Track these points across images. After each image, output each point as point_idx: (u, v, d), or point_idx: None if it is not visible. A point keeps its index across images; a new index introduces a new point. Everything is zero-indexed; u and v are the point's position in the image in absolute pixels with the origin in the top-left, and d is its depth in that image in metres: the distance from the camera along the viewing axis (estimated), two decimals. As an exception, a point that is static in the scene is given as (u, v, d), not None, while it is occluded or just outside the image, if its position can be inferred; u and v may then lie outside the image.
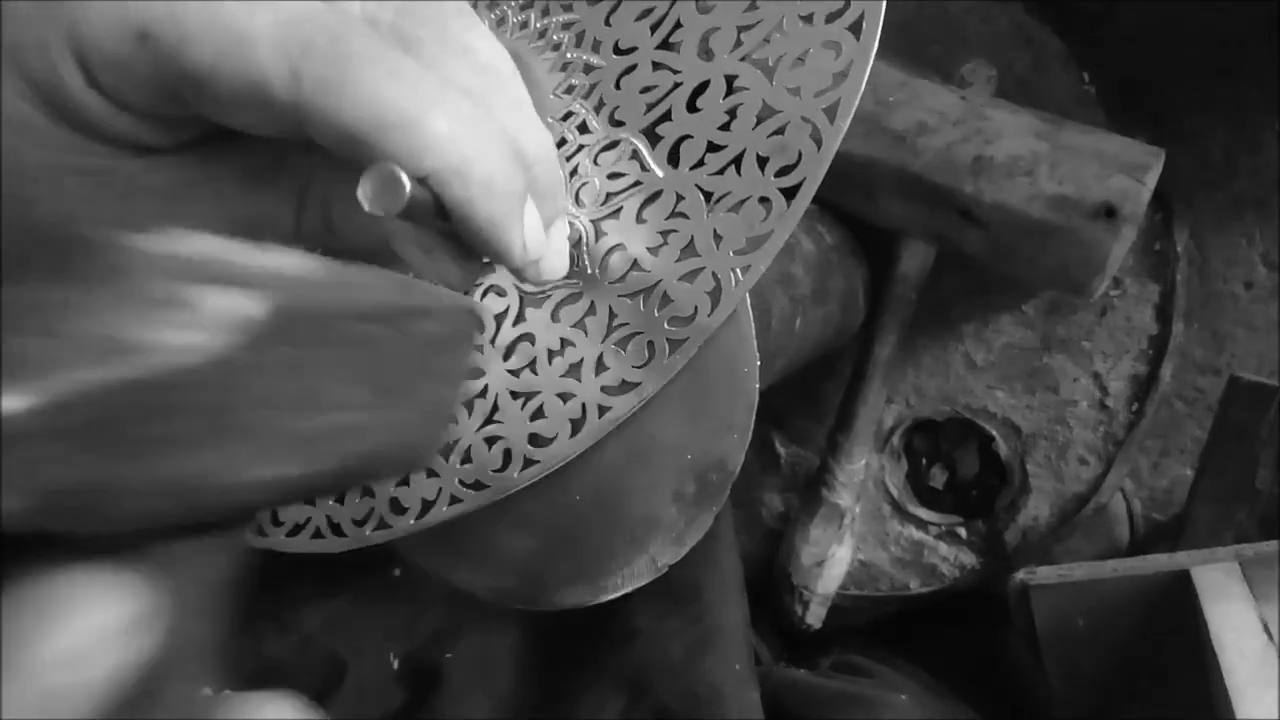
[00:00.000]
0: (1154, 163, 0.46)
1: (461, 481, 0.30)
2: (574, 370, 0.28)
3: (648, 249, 0.28)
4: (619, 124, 0.29)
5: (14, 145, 0.21)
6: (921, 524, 0.59)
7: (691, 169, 0.28)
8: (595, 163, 0.29)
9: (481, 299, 0.30)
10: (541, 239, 0.24)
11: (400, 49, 0.21)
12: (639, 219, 0.28)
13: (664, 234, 0.28)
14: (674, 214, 0.28)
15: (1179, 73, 0.54)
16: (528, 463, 0.29)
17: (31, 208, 0.22)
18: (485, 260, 0.26)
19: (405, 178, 0.19)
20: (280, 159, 0.23)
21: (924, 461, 0.60)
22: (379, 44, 0.20)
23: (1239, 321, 0.55)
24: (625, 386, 0.28)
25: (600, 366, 0.28)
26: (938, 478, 0.59)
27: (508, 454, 0.29)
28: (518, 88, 0.24)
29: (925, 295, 0.54)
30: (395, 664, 0.46)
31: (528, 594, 0.33)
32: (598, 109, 0.29)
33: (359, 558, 0.32)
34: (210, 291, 0.14)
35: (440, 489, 0.30)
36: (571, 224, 0.29)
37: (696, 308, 0.27)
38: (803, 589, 0.55)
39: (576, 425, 0.28)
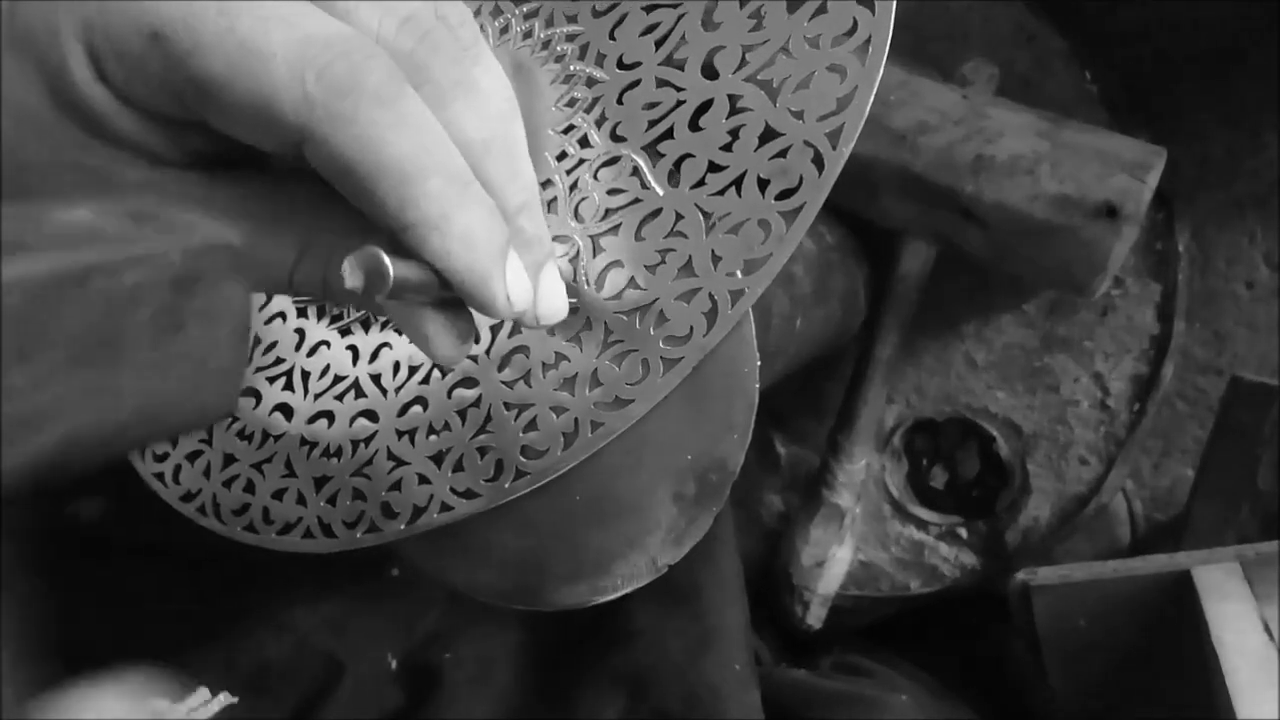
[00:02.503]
0: (1156, 162, 0.46)
1: (453, 489, 0.30)
2: (568, 384, 0.28)
3: (645, 267, 0.28)
4: (620, 139, 0.29)
5: (17, 135, 0.21)
6: (922, 524, 0.59)
7: (692, 188, 0.28)
8: (595, 178, 0.29)
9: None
10: (526, 289, 0.24)
11: (414, 81, 0.21)
12: (638, 236, 0.28)
13: (662, 253, 0.28)
14: (673, 233, 0.28)
15: (1181, 72, 0.54)
16: (519, 474, 0.29)
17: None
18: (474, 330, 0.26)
19: (390, 265, 0.19)
20: (288, 211, 0.23)
21: (925, 461, 0.59)
22: (394, 81, 0.20)
23: (1240, 321, 0.55)
24: (618, 403, 0.28)
25: (594, 382, 0.28)
26: (938, 478, 0.59)
27: (499, 464, 0.29)
28: (515, 132, 0.24)
29: (926, 295, 0.54)
30: (393, 665, 0.46)
31: (527, 594, 0.33)
32: (599, 123, 0.29)
33: (355, 558, 0.32)
34: None
35: (432, 495, 0.30)
36: (569, 238, 0.29)
37: (692, 328, 0.27)
38: (803, 589, 0.55)
39: (569, 439, 0.28)
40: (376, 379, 0.32)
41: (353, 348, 0.32)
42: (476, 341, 0.30)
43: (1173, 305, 0.54)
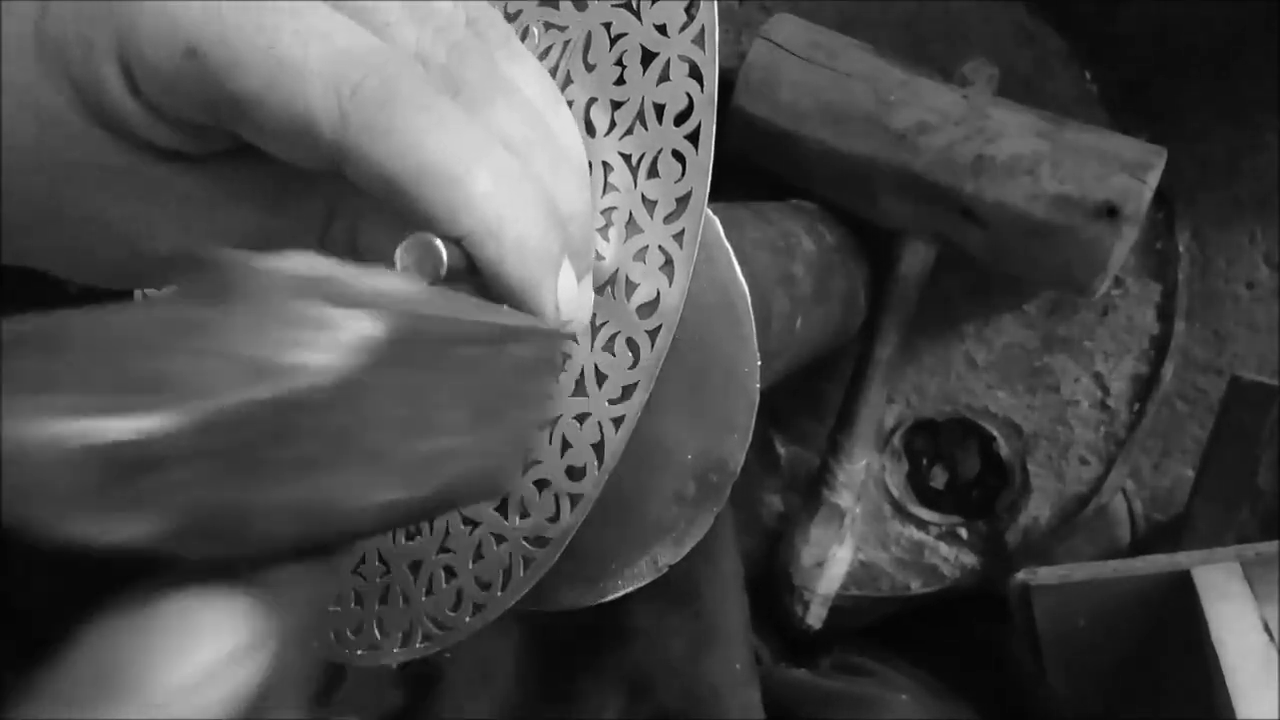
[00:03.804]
0: (1156, 162, 0.46)
1: (525, 539, 0.29)
2: (580, 386, 0.28)
3: (598, 231, 0.28)
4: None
5: (45, 140, 0.21)
6: (922, 524, 0.59)
7: (606, 135, 0.27)
8: None
9: None
10: (575, 298, 0.23)
11: (449, 91, 0.21)
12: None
13: (605, 213, 0.27)
14: (607, 188, 0.27)
15: (1181, 71, 0.54)
16: (573, 500, 0.28)
17: (60, 204, 0.22)
18: None
19: (444, 250, 0.19)
20: (308, 179, 0.23)
21: (925, 461, 0.59)
22: (429, 90, 0.20)
23: (1240, 321, 0.55)
24: (626, 392, 0.28)
25: (600, 376, 0.28)
26: (938, 478, 0.59)
27: (557, 499, 0.28)
28: (563, 128, 0.24)
29: (926, 295, 0.54)
30: (398, 662, 0.46)
31: (528, 594, 0.33)
32: None
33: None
34: (335, 312, 0.14)
35: (510, 554, 0.29)
36: None
37: (658, 290, 0.27)
38: (803, 589, 0.55)
39: (598, 448, 0.28)
40: None
41: None
42: None
43: (1173, 305, 0.54)
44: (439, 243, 0.19)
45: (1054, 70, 0.54)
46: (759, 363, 0.32)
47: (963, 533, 0.58)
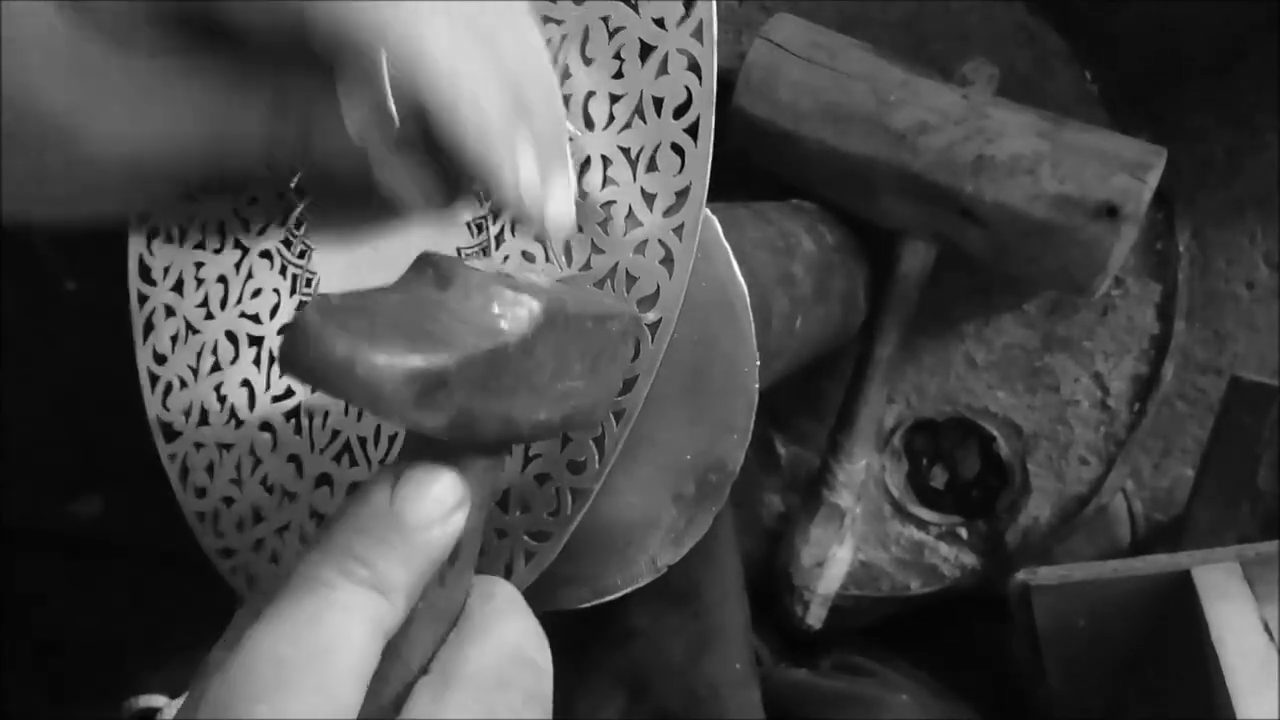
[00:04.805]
0: (1156, 162, 0.46)
1: (526, 533, 0.29)
2: None
3: (598, 225, 0.28)
4: None
5: (18, 36, 0.21)
6: (922, 524, 0.59)
7: (605, 129, 0.27)
8: None
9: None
10: (535, 184, 0.23)
11: None
12: (581, 194, 0.28)
13: (605, 205, 0.27)
14: (607, 181, 0.27)
15: (1181, 71, 0.54)
16: (574, 494, 0.28)
17: (35, 96, 0.22)
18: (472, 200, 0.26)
19: (395, 112, 0.21)
20: (258, 73, 0.24)
21: (925, 461, 0.59)
22: None
23: (1241, 321, 0.55)
24: (627, 385, 0.28)
25: None
26: (938, 478, 0.59)
27: (558, 493, 0.28)
28: (529, 30, 0.24)
29: (926, 295, 0.54)
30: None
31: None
32: None
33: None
34: (521, 295, 0.21)
35: (512, 547, 0.29)
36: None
37: (658, 284, 0.27)
38: (803, 589, 0.55)
39: (599, 443, 0.28)
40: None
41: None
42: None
43: (1173, 305, 0.54)
44: (392, 107, 0.21)
45: (1054, 70, 0.54)
46: (759, 362, 0.32)
47: (963, 533, 0.58)
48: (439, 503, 0.20)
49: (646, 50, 0.27)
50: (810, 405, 0.60)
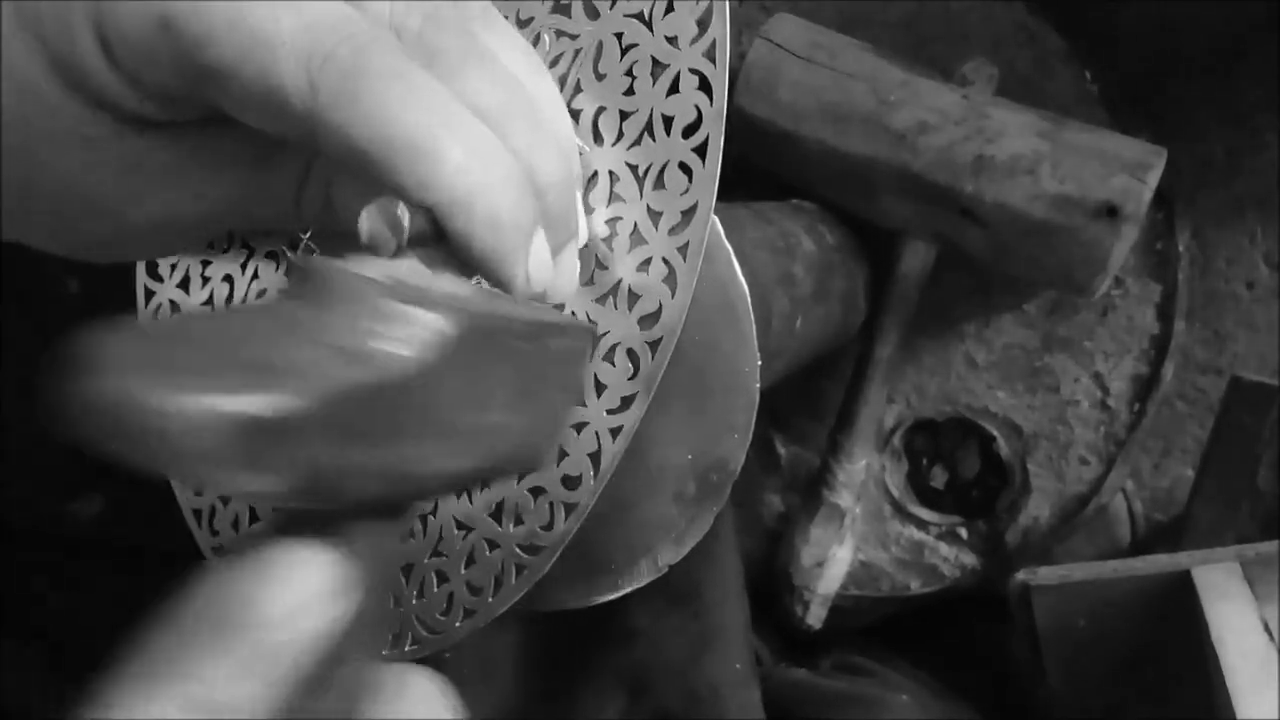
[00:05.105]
0: (1156, 162, 0.46)
1: (519, 546, 0.29)
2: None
3: (603, 240, 0.28)
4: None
5: (23, 111, 0.21)
6: (922, 524, 0.59)
7: (614, 145, 0.27)
8: None
9: None
10: (547, 268, 0.23)
11: (423, 60, 0.21)
12: (586, 208, 0.28)
13: (610, 222, 0.27)
14: (613, 198, 0.27)
15: (1181, 71, 0.54)
16: (567, 509, 0.28)
17: (40, 175, 0.22)
18: None
19: (407, 217, 0.19)
20: (285, 143, 0.23)
21: (925, 461, 0.59)
22: (401, 59, 0.20)
23: (1241, 321, 0.55)
24: (625, 402, 0.27)
25: (599, 386, 0.28)
26: (938, 478, 0.59)
27: (551, 507, 0.28)
28: (545, 97, 0.24)
29: (926, 295, 0.54)
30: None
31: (528, 592, 0.33)
32: None
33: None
34: (415, 310, 0.16)
35: (503, 560, 0.29)
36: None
37: (661, 302, 0.27)
38: (803, 589, 0.55)
39: (595, 458, 0.28)
40: None
41: None
42: None
43: (1173, 305, 0.54)
44: (403, 209, 0.19)
45: (1054, 70, 0.54)
46: (759, 362, 0.32)
47: (963, 533, 0.58)
48: (304, 590, 0.15)
49: (658, 68, 0.27)
50: (810, 405, 0.60)
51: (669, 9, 0.26)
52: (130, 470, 0.14)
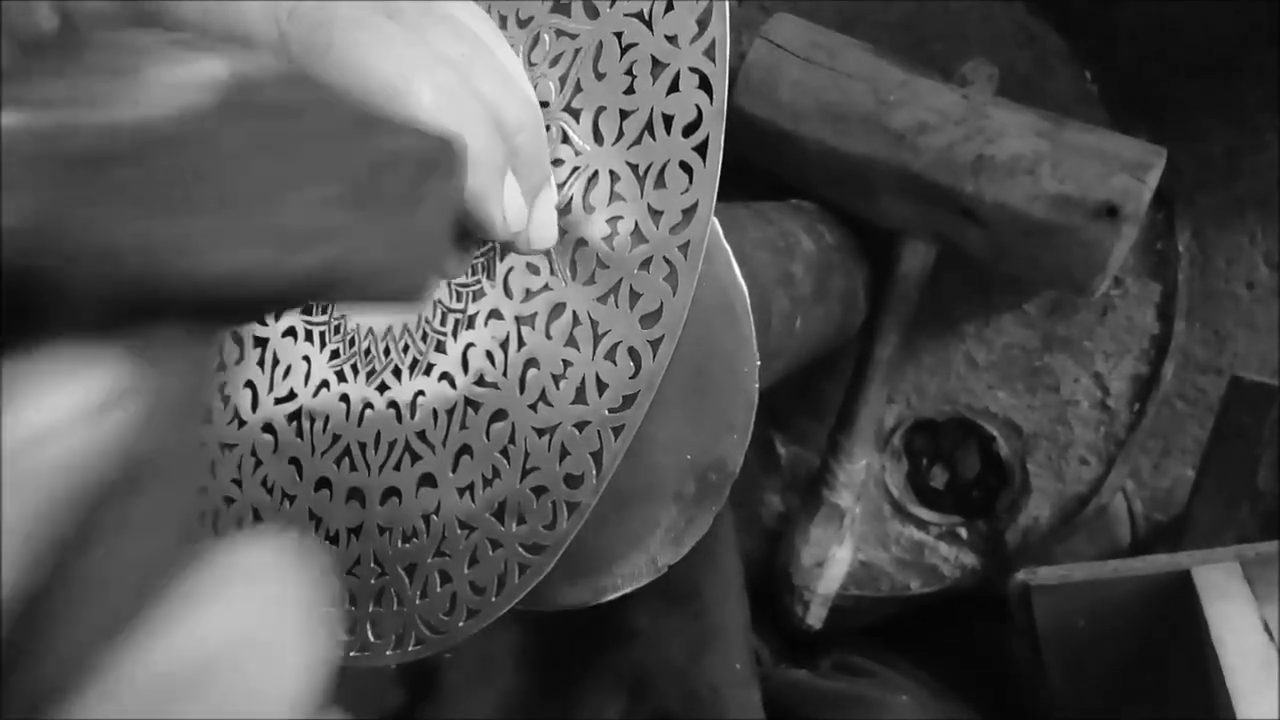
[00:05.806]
0: (1156, 162, 0.46)
1: (521, 545, 0.29)
2: (580, 394, 0.28)
3: (603, 239, 0.28)
4: (544, 104, 0.28)
5: None
6: (922, 524, 0.59)
7: (615, 144, 0.27)
8: None
9: (484, 324, 0.30)
10: (522, 209, 0.24)
11: (384, 15, 0.21)
12: (586, 208, 0.28)
13: (611, 221, 0.27)
14: (614, 197, 0.27)
15: (1181, 71, 0.54)
16: (570, 508, 0.28)
17: None
18: (478, 246, 0.25)
19: None
20: None
21: (925, 461, 0.59)
22: (365, 9, 0.20)
23: (1241, 321, 0.55)
24: (626, 401, 0.27)
25: (600, 384, 0.28)
26: (938, 478, 0.59)
27: (554, 506, 0.28)
28: (502, 53, 0.24)
29: (926, 295, 0.54)
30: (393, 664, 0.46)
31: (527, 595, 0.33)
32: None
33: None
34: (186, 52, 0.14)
35: (506, 560, 0.29)
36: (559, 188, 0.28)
37: (662, 301, 0.27)
38: (803, 589, 0.55)
39: (597, 457, 0.28)
40: (422, 435, 0.30)
41: (393, 405, 0.31)
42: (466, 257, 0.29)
43: (1173, 305, 0.54)
44: None
45: (1054, 70, 0.54)
46: (759, 362, 0.32)
47: (963, 533, 0.58)
48: (70, 401, 0.12)
49: (658, 67, 0.27)
50: (810, 405, 0.60)
51: (669, 8, 0.26)
52: None
